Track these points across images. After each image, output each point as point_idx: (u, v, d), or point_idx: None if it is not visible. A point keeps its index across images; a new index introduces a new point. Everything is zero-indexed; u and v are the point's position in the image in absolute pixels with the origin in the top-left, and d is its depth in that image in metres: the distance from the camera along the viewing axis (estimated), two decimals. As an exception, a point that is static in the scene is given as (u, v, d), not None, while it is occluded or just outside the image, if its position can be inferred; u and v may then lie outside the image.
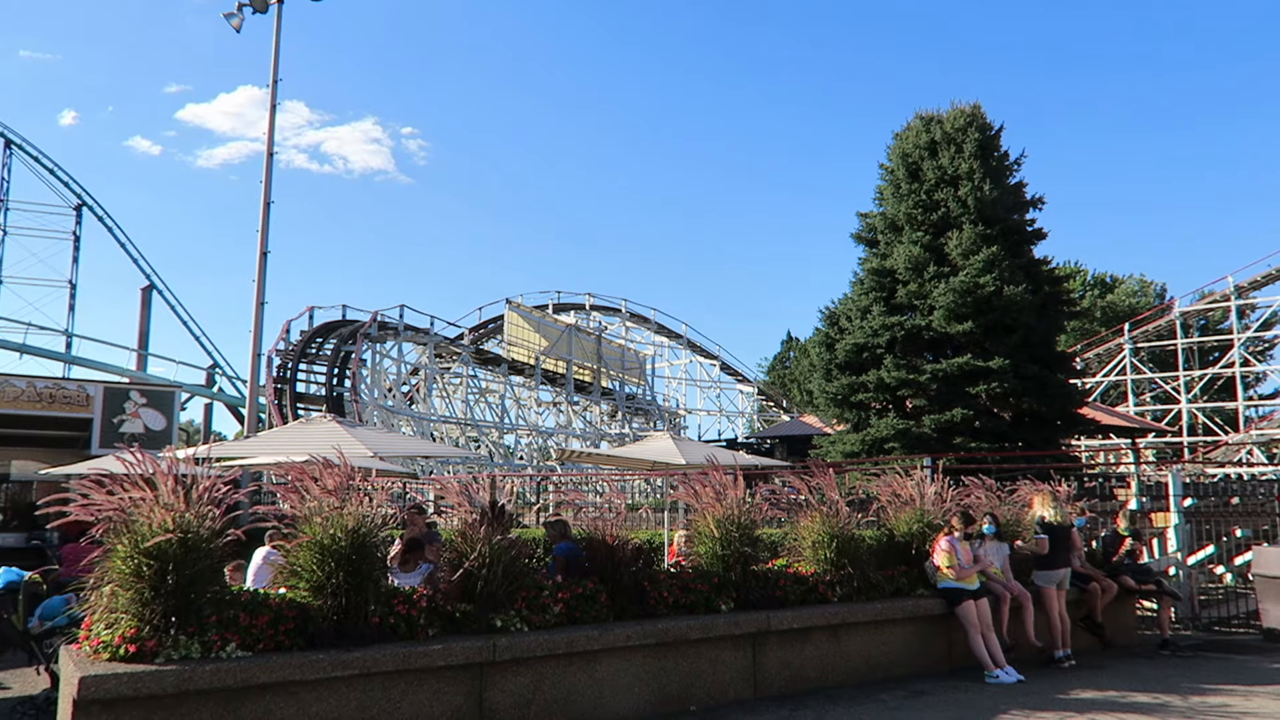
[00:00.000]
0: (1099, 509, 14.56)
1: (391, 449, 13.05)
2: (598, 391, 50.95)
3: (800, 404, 58.48)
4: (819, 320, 29.90)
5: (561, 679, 7.25)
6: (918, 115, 29.00)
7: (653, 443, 14.98)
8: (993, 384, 24.53)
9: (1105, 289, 67.16)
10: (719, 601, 8.42)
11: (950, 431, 24.65)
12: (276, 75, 20.34)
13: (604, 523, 8.71)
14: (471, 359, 45.73)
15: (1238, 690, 8.73)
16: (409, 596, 7.06)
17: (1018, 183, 27.83)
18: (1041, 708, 7.87)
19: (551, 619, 7.45)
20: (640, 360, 57.26)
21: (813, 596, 9.10)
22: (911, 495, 10.59)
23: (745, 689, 8.26)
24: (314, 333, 39.43)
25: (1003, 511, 11.30)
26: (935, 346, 26.58)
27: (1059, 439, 27.55)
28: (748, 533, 8.92)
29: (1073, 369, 30.18)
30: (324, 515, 6.80)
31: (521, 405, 49.81)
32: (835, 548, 9.35)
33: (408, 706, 6.54)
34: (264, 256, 19.46)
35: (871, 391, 26.24)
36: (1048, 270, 28.28)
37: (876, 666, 9.21)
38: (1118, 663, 10.37)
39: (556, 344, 48.14)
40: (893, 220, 28.03)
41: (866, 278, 27.97)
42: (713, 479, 9.06)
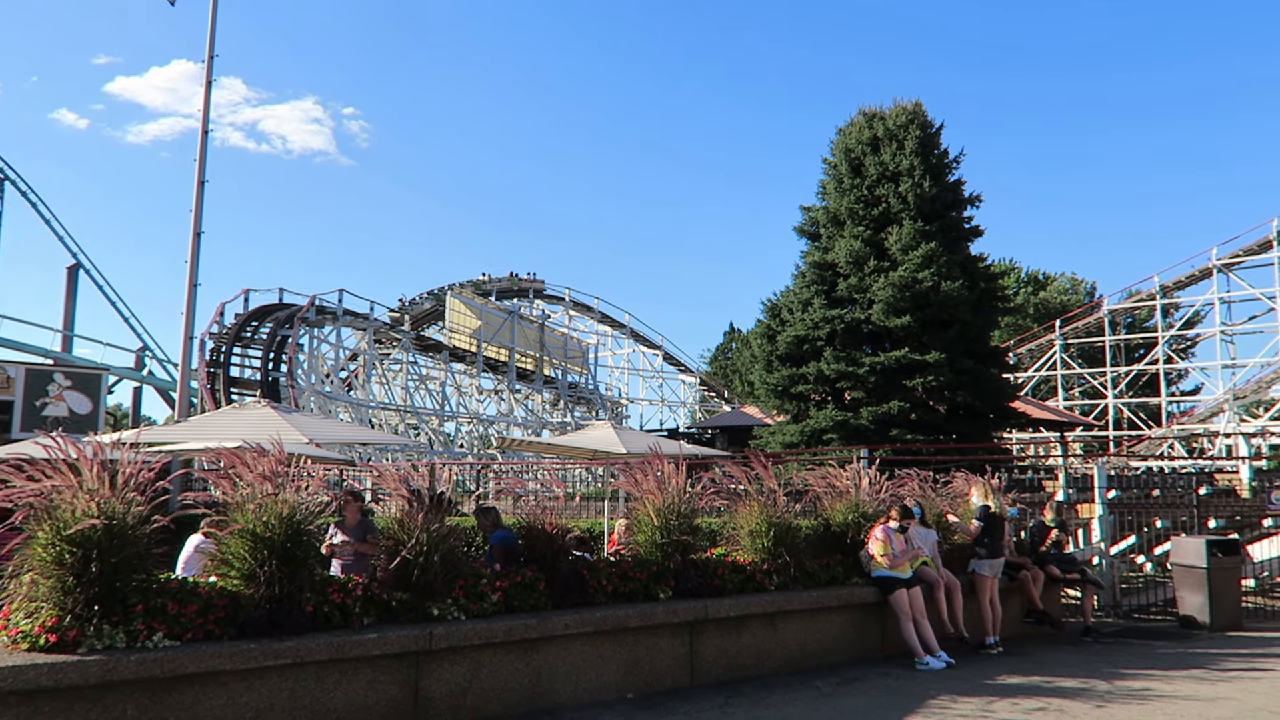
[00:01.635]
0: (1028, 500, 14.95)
1: (328, 435, 12.83)
2: (540, 380, 50.76)
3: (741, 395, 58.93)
4: (761, 312, 30.13)
5: (499, 668, 7.23)
6: (861, 111, 29.31)
7: (594, 431, 14.98)
8: (929, 377, 24.97)
9: (1038, 286, 68.87)
10: (658, 590, 8.46)
11: (887, 423, 25.05)
12: (212, 50, 19.80)
13: (544, 511, 8.70)
14: (412, 345, 45.20)
15: (1156, 675, 9.05)
16: (344, 585, 6.97)
17: (956, 180, 28.32)
18: (968, 693, 8.07)
19: (490, 607, 7.42)
20: (583, 349, 57.17)
21: (750, 585, 9.20)
22: (848, 486, 10.76)
23: (683, 676, 8.32)
24: (249, 316, 38.59)
25: (936, 502, 11.57)
26: (874, 340, 26.96)
27: (992, 432, 28.18)
28: (687, 522, 8.98)
29: (1006, 364, 30.84)
30: (257, 502, 6.67)
31: (462, 392, 49.42)
32: (773, 537, 9.46)
33: (341, 696, 6.46)
34: (197, 237, 18.97)
35: (811, 383, 26.53)
36: (984, 267, 28.86)
37: (812, 654, 9.35)
38: (1043, 650, 10.68)
39: (499, 331, 47.82)
40: (835, 214, 28.33)
41: (808, 271, 28.25)
42: (654, 468, 9.09)
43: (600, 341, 61.21)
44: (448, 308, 47.05)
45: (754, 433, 30.82)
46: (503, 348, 48.21)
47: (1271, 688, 8.48)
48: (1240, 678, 8.98)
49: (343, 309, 40.58)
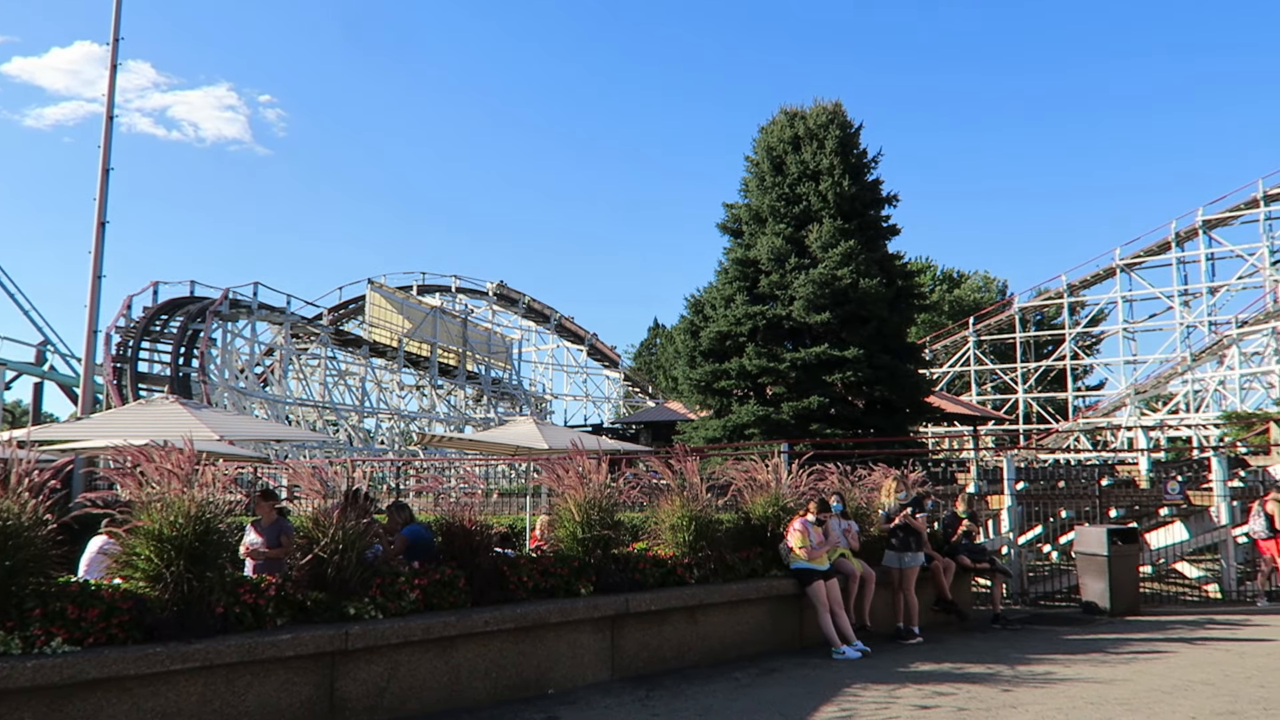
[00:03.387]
0: (941, 493, 15.36)
1: (241, 432, 12.50)
2: (463, 375, 50.22)
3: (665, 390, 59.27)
4: (685, 308, 30.34)
5: (417, 666, 7.15)
6: (782, 110, 29.70)
7: (516, 427, 14.91)
8: (848, 373, 25.47)
9: (952, 284, 70.81)
10: (579, 585, 8.47)
11: (807, 418, 25.47)
12: (118, 32, 19.04)
13: (464, 508, 8.64)
14: (331, 340, 44.27)
15: (1059, 659, 9.41)
16: (256, 585, 6.80)
17: (875, 180, 28.91)
18: (882, 681, 8.27)
19: (408, 606, 7.33)
20: (507, 344, 56.75)
21: (671, 579, 9.27)
22: (768, 480, 10.92)
23: (603, 671, 8.35)
24: (159, 309, 37.27)
25: (855, 495, 11.82)
26: (795, 335, 27.38)
27: (908, 426, 28.88)
28: (609, 517, 9.01)
29: (922, 359, 31.69)
30: (164, 501, 6.46)
31: (383, 388, 48.61)
32: (694, 531, 9.55)
33: (254, 699, 6.31)
34: (102, 226, 18.25)
35: (733, 379, 26.82)
36: (901, 265, 29.54)
37: (731, 645, 9.47)
38: (955, 637, 11.00)
39: (421, 326, 47.14)
40: (757, 212, 28.67)
41: (731, 267, 28.53)
42: (576, 464, 9.10)
43: (525, 337, 60.86)
44: (368, 302, 46.20)
45: (677, 428, 31.03)
46: (425, 343, 47.56)
47: (1165, 669, 8.89)
48: (1136, 660, 9.39)
49: (258, 303, 39.49)
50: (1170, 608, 14.00)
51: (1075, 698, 7.56)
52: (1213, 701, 7.36)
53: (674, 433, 30.42)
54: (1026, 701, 7.45)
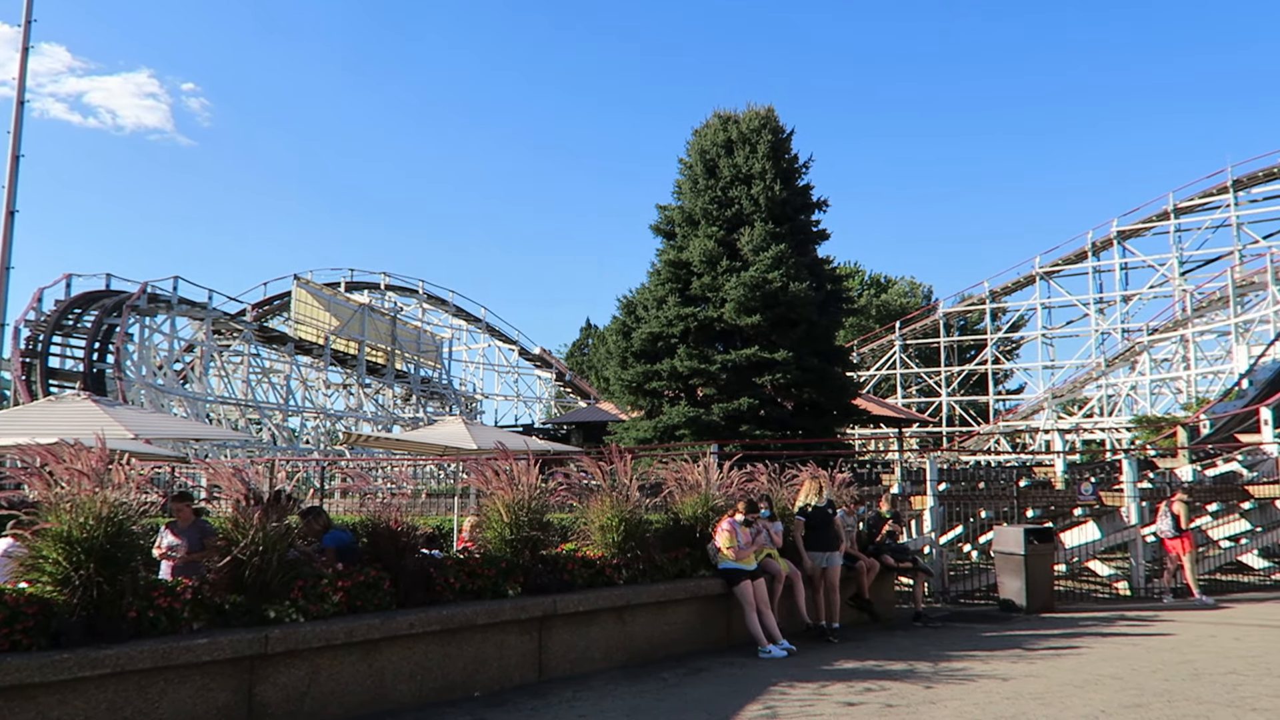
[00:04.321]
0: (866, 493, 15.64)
1: (157, 430, 12.12)
2: (391, 374, 49.48)
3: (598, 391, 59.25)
4: (617, 309, 30.39)
5: (340, 670, 7.01)
6: (716, 114, 29.97)
7: (445, 427, 14.75)
8: (777, 375, 25.81)
9: (880, 289, 72.26)
10: (507, 586, 8.41)
11: (737, 419, 25.73)
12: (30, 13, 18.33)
13: (390, 509, 8.51)
14: (254, 337, 43.20)
15: (977, 655, 9.66)
16: (171, 588, 6.60)
17: (805, 185, 29.36)
18: (807, 679, 8.39)
19: (330, 608, 7.20)
20: (437, 343, 56.08)
21: (600, 579, 9.26)
22: (698, 480, 10.99)
23: (531, 672, 8.31)
24: (72, 303, 35.93)
25: (782, 495, 11.96)
26: (726, 337, 27.64)
27: (835, 427, 29.36)
28: (538, 517, 8.98)
29: (849, 362, 32.24)
30: (74, 502, 6.23)
31: (309, 387, 47.59)
32: (623, 531, 9.56)
33: (168, 706, 6.12)
34: (11, 215, 17.56)
35: (665, 380, 26.96)
36: (830, 269, 30.05)
37: (660, 645, 9.51)
38: (878, 635, 11.22)
39: (348, 324, 46.29)
40: (690, 214, 28.86)
41: (663, 269, 28.67)
42: (505, 464, 9.04)
43: (455, 335, 60.22)
44: (294, 298, 45.18)
45: (609, 428, 31.05)
46: (352, 340, 46.73)
47: (1077, 664, 9.19)
48: (1050, 656, 9.69)
49: (178, 297, 38.35)
50: (1083, 605, 14.49)
51: (992, 693, 7.77)
52: (1120, 695, 7.64)
53: (605, 433, 30.44)
54: (946, 697, 7.63)
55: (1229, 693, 7.72)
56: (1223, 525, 18.17)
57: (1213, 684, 8.08)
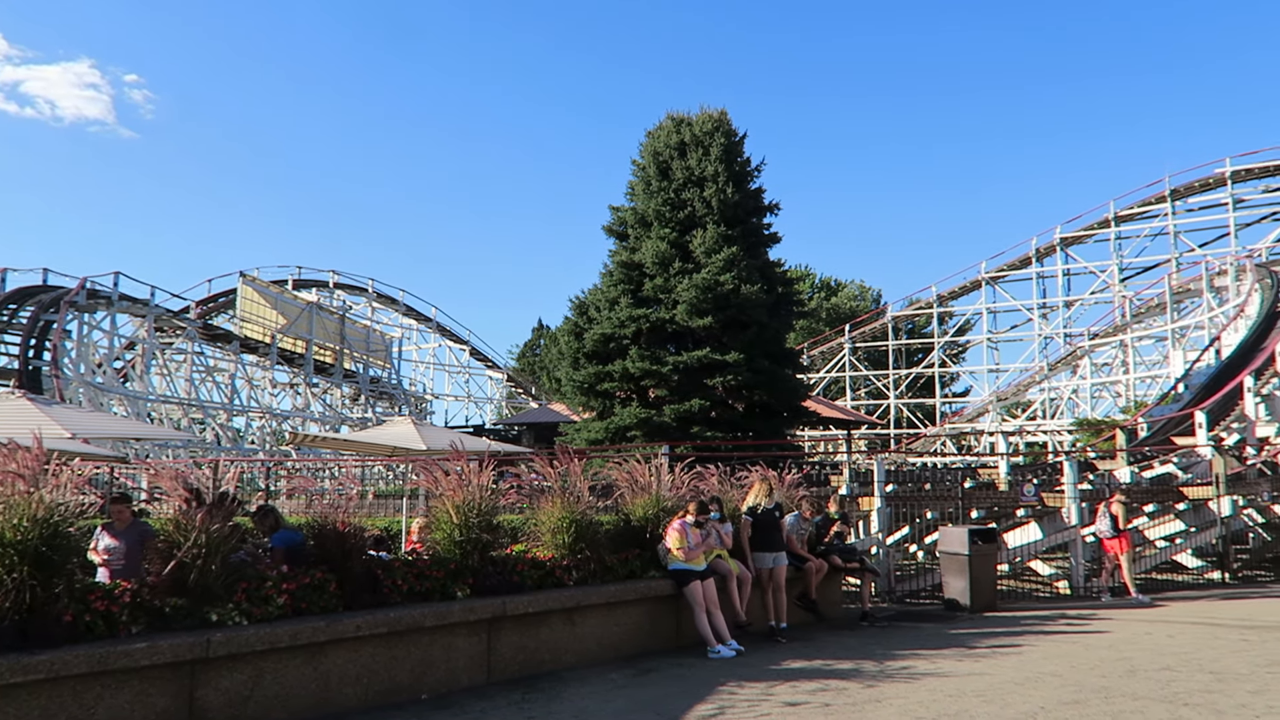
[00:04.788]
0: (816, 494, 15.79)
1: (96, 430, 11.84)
2: (339, 373, 48.83)
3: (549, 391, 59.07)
4: (569, 309, 30.32)
5: (284, 673, 6.90)
6: (669, 116, 30.04)
7: (393, 428, 14.60)
8: (729, 376, 25.95)
9: (830, 292, 73.06)
10: (455, 588, 8.35)
11: (689, 420, 25.83)
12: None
13: (337, 510, 8.40)
14: (198, 335, 42.33)
15: (922, 654, 9.81)
16: (110, 592, 6.44)
17: (757, 188, 29.56)
18: (755, 679, 8.45)
19: (275, 611, 7.08)
20: (386, 342, 55.48)
21: (550, 580, 9.24)
22: (649, 481, 11.01)
23: (479, 674, 8.25)
24: (7, 298, 34.92)
25: (733, 496, 12.03)
26: (677, 339, 27.72)
27: (786, 429, 29.62)
28: (488, 519, 8.92)
29: (800, 365, 32.52)
30: (7, 504, 6.05)
31: (254, 386, 46.77)
32: (573, 532, 9.55)
33: (104, 712, 5.97)
34: (-57, 208, 16.97)
35: (617, 381, 26.96)
36: (781, 272, 30.29)
37: (609, 646, 9.50)
38: (825, 635, 11.33)
39: (296, 322, 45.60)
40: (642, 216, 28.90)
41: (616, 270, 28.68)
42: (455, 465, 8.97)
43: (405, 335, 59.63)
44: (239, 296, 44.38)
45: (560, 429, 30.98)
46: (300, 339, 46.02)
47: (1019, 662, 9.38)
48: (993, 654, 9.88)
49: (119, 293, 37.42)
50: (1025, 604, 14.78)
51: (936, 691, 7.90)
52: (1060, 692, 7.81)
53: (557, 434, 30.36)
54: (890, 696, 7.73)
55: (1163, 689, 7.94)
56: (1158, 526, 18.67)
57: (1148, 680, 8.31)
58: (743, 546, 11.12)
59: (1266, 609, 13.77)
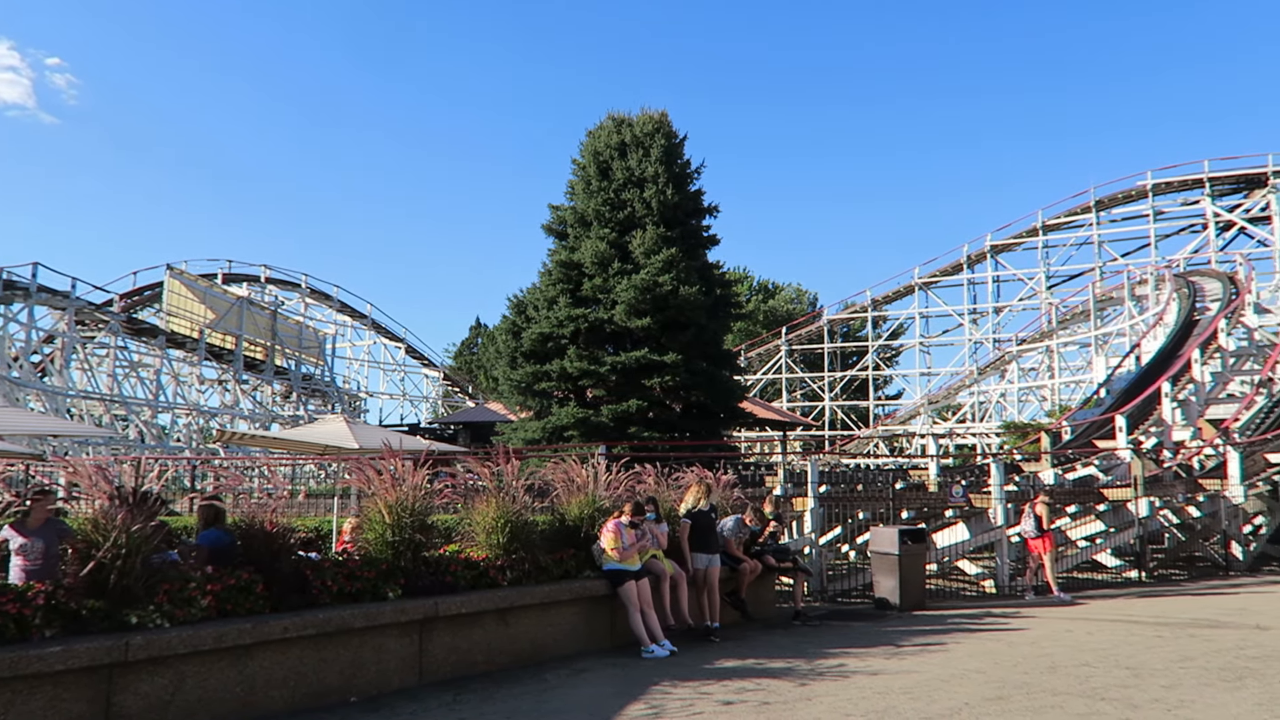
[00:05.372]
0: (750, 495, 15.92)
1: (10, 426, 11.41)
2: (270, 370, 47.76)
3: (486, 391, 58.61)
4: (507, 308, 30.13)
5: (208, 677, 6.73)
6: (610, 116, 30.03)
7: (325, 426, 14.35)
8: (666, 377, 26.03)
9: (768, 295, 73.81)
10: (386, 589, 8.24)
11: (626, 421, 25.85)
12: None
13: (265, 509, 8.23)
14: (122, 329, 41.03)
15: (853, 652, 9.96)
16: (21, 594, 6.21)
17: (697, 190, 29.72)
18: (688, 678, 8.49)
19: (198, 613, 6.91)
20: (319, 339, 54.44)
21: (484, 581, 9.17)
22: (585, 481, 10.99)
23: (410, 676, 8.15)
24: (-84, 288, 33.42)
25: (669, 496, 12.08)
26: (616, 339, 27.72)
27: (722, 430, 29.83)
28: (421, 519, 8.83)
29: (737, 366, 32.78)
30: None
31: (181, 382, 45.49)
32: (508, 532, 9.49)
33: (15, 718, 5.75)
34: None
35: (554, 380, 26.86)
36: (720, 274, 30.50)
37: (544, 647, 9.46)
38: (759, 634, 11.44)
39: (225, 317, 44.46)
40: (582, 215, 28.85)
41: (555, 269, 28.57)
42: (388, 464, 8.85)
43: (339, 332, 58.60)
44: (166, 289, 43.11)
45: (497, 429, 30.76)
46: (229, 335, 44.91)
47: (945, 659, 9.58)
48: (921, 652, 10.08)
49: (37, 285, 36.07)
50: (952, 602, 15.11)
51: (865, 688, 8.03)
52: (983, 688, 8.00)
53: (493, 434, 30.15)
54: (821, 694, 7.84)
55: (1081, 684, 8.18)
56: (1080, 526, 19.26)
57: (1068, 676, 8.55)
58: (681, 547, 11.18)
59: (1179, 606, 14.29)
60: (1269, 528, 21.59)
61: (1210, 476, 22.05)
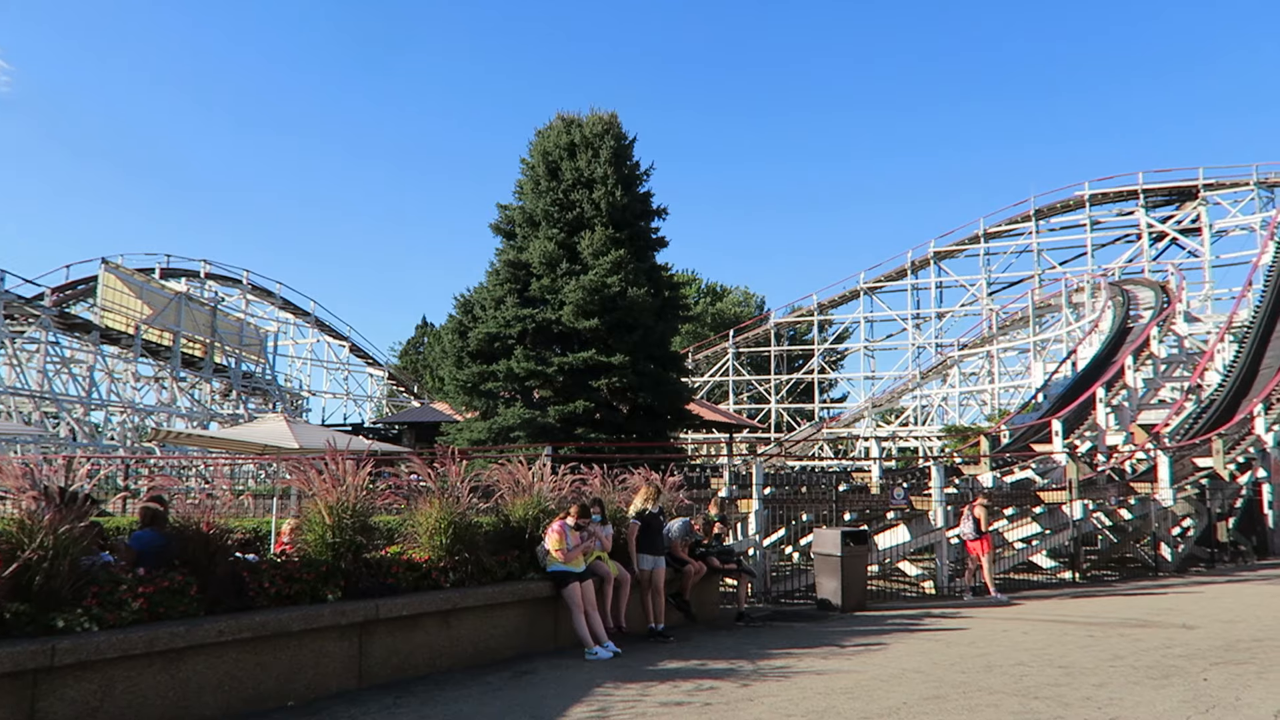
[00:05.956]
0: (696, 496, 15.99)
1: (-67, 423, 10.98)
2: (209, 368, 46.73)
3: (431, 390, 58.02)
4: (454, 308, 29.86)
5: (139, 682, 6.55)
6: (559, 116, 29.94)
7: (265, 425, 14.09)
8: (614, 378, 26.03)
9: (715, 297, 74.21)
10: (326, 591, 8.10)
11: (573, 422, 25.79)
12: None
13: (201, 509, 8.03)
14: (53, 324, 39.80)
15: (795, 653, 10.05)
16: (-59, 597, 5.99)
17: (646, 192, 29.77)
18: (632, 679, 8.49)
19: (129, 616, 6.71)
20: (261, 336, 53.41)
21: (426, 583, 9.07)
22: (531, 482, 10.93)
23: (350, 679, 8.02)
24: None
25: (615, 498, 12.06)
26: (563, 340, 27.64)
27: (669, 432, 29.90)
28: (362, 520, 8.71)
29: (684, 368, 32.87)
30: None
31: (115, 379, 44.28)
32: (451, 534, 9.41)
33: (-68, 726, 5.55)
34: None
35: (501, 380, 26.69)
36: (668, 276, 30.59)
37: (486, 650, 9.38)
38: (702, 635, 11.48)
39: (163, 313, 43.37)
40: (531, 215, 28.72)
41: (502, 269, 28.40)
42: (329, 464, 8.71)
43: (281, 329, 57.57)
44: (101, 283, 41.92)
45: (442, 429, 30.45)
46: (167, 331, 43.82)
47: (885, 659, 9.71)
48: (861, 652, 10.20)
49: (-37, 277, 34.86)
50: (893, 603, 15.33)
51: (806, 689, 8.10)
52: (922, 687, 8.12)
53: (439, 434, 29.84)
54: (763, 694, 7.89)
55: (1017, 682, 8.35)
56: (1017, 528, 19.68)
57: (1003, 675, 8.73)
58: (629, 549, 11.18)
59: (1111, 606, 14.67)
60: (1196, 530, 22.29)
61: (1141, 480, 22.69)
